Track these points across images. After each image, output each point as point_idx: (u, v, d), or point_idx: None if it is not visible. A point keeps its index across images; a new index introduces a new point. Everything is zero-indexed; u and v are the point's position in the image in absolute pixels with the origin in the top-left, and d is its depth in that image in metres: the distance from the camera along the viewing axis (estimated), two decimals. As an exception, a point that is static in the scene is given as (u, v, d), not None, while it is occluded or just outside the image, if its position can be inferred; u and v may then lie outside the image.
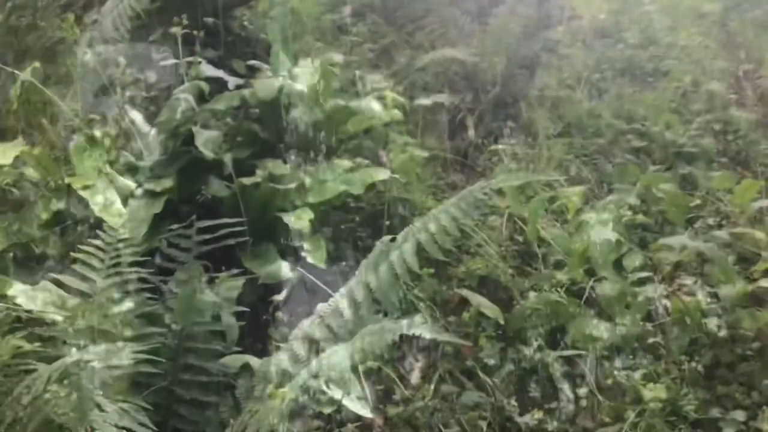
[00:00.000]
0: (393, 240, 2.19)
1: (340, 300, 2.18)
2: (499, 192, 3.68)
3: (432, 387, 2.88)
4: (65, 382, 1.56)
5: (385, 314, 2.14)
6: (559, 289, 3.37)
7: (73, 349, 1.78)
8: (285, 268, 2.74)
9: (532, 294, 3.35)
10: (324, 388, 1.84)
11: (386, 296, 2.04)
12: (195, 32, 3.67)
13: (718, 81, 5.41)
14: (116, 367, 1.76)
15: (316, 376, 1.80)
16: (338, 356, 1.74)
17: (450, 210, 2.09)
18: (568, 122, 4.75)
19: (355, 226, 3.55)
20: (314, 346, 2.14)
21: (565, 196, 3.59)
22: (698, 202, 4.00)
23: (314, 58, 3.97)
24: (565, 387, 2.96)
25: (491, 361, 3.01)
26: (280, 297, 2.55)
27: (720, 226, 3.79)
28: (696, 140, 4.68)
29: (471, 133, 4.27)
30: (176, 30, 3.46)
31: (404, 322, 1.76)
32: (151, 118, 3.52)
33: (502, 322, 3.18)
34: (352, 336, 1.95)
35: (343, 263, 3.26)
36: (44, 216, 2.81)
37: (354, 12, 4.99)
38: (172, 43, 3.80)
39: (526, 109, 4.72)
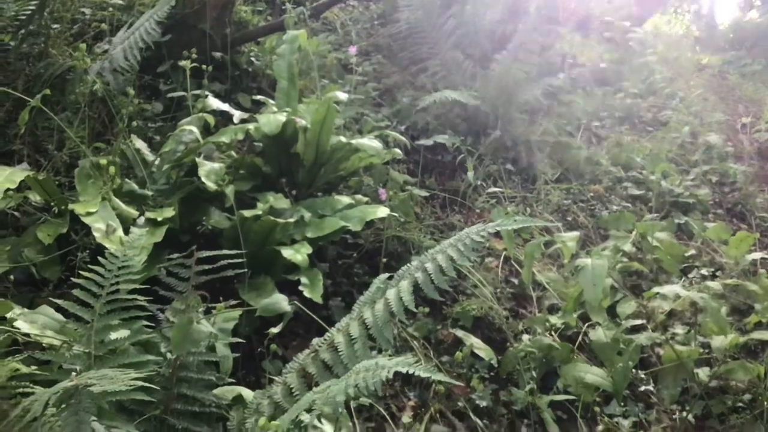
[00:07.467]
0: (390, 278, 2.21)
1: (335, 335, 2.20)
2: (496, 234, 3.71)
3: (423, 426, 2.87)
4: (63, 406, 1.57)
5: (379, 351, 2.15)
6: (552, 333, 3.39)
7: (73, 374, 1.79)
8: (283, 302, 2.75)
9: (525, 337, 3.37)
10: (316, 422, 1.85)
11: (381, 333, 2.05)
12: (203, 66, 3.73)
13: (715, 133, 5.50)
14: (113, 394, 1.77)
15: (309, 411, 1.81)
16: (332, 391, 1.75)
17: (447, 251, 2.12)
18: (566, 167, 4.81)
19: (352, 262, 3.57)
20: (308, 380, 2.15)
21: (561, 240, 3.62)
22: (693, 252, 4.04)
23: (319, 95, 4.04)
24: (556, 432, 2.97)
25: (483, 403, 3.01)
26: (276, 330, 2.56)
27: (714, 277, 3.82)
28: (693, 190, 4.75)
29: (470, 174, 4.30)
30: (185, 63, 3.52)
31: (399, 359, 1.77)
32: (156, 148, 3.56)
33: (495, 363, 3.20)
34: (346, 371, 1.96)
35: (339, 299, 3.27)
36: (46, 241, 2.82)
37: (359, 52, 5.07)
38: (180, 75, 3.86)
39: (526, 153, 4.77)
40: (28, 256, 2.81)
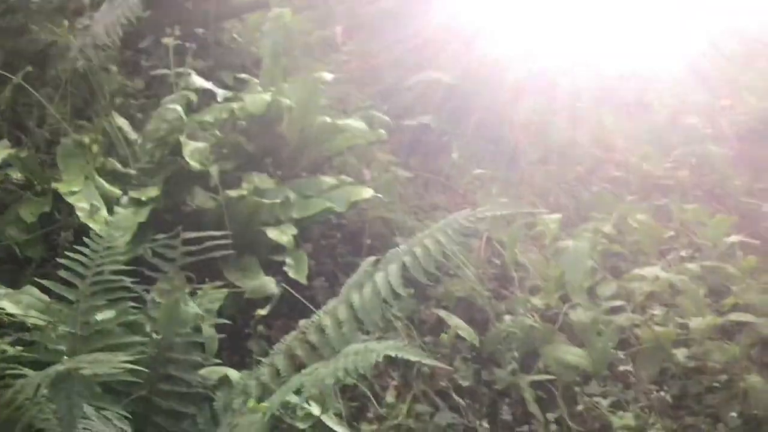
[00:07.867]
0: (378, 261, 2.23)
1: (323, 317, 2.21)
2: (478, 214, 3.73)
3: (406, 406, 2.91)
4: (55, 389, 1.57)
5: (366, 332, 2.18)
6: (534, 313, 3.42)
7: (64, 357, 1.80)
8: (270, 284, 2.77)
9: (507, 317, 3.39)
10: (304, 404, 1.87)
11: (368, 316, 2.07)
12: (186, 43, 3.69)
13: (695, 115, 5.52)
14: (101, 375, 1.78)
15: (297, 392, 1.82)
16: (321, 374, 1.77)
17: (436, 235, 2.14)
18: (549, 148, 4.82)
19: (335, 242, 3.58)
20: (295, 362, 2.17)
21: (543, 222, 3.64)
22: (672, 233, 4.07)
23: (304, 75, 4.01)
24: (537, 411, 3.01)
25: (465, 383, 3.05)
26: (263, 312, 2.57)
27: (693, 259, 3.86)
28: (672, 173, 4.78)
29: (454, 155, 4.31)
30: (168, 41, 3.49)
31: (388, 343, 1.79)
32: (137, 126, 3.53)
33: (477, 344, 3.23)
34: (334, 354, 1.98)
35: (323, 278, 3.28)
36: (29, 219, 2.80)
37: (344, 30, 5.04)
38: (162, 52, 3.82)
39: (509, 133, 4.78)
40: (11, 235, 2.80)
